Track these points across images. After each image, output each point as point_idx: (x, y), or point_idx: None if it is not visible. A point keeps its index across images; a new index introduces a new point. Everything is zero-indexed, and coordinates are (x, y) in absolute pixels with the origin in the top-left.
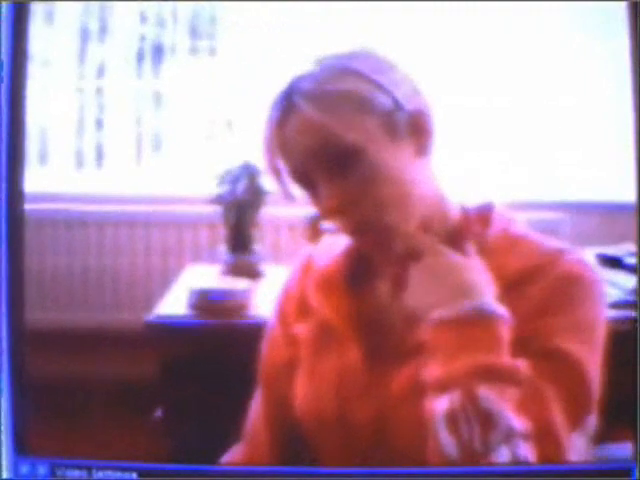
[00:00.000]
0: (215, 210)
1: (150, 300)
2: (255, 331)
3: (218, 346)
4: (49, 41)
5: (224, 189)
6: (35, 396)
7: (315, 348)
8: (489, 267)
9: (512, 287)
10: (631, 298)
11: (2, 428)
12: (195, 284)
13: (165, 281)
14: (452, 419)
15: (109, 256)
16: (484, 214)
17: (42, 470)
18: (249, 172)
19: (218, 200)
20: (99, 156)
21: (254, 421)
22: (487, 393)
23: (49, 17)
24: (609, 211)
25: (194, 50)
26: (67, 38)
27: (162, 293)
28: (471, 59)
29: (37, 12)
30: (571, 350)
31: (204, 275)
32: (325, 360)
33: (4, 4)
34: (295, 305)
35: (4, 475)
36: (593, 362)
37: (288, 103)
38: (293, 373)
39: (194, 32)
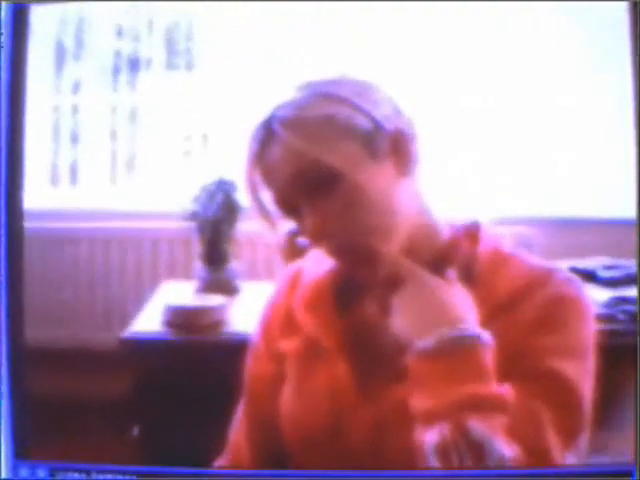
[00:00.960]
0: (190, 226)
1: (125, 317)
2: (231, 347)
3: (194, 362)
4: None
5: (199, 205)
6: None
7: (302, 365)
8: (479, 286)
9: (503, 306)
10: (605, 311)
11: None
12: (170, 300)
13: (140, 297)
14: (443, 451)
15: (84, 272)
16: (472, 232)
17: (42, 473)
18: (224, 188)
19: (193, 216)
20: (73, 172)
21: (237, 435)
22: (476, 424)
23: None
24: (581, 225)
25: (170, 65)
26: (43, 53)
27: (137, 310)
28: (452, 73)
29: None
30: (563, 369)
31: (179, 291)
32: (314, 377)
33: (4, 4)
34: (281, 320)
35: (3, 476)
36: (585, 381)
37: (267, 132)
38: (278, 389)
39: (170, 47)
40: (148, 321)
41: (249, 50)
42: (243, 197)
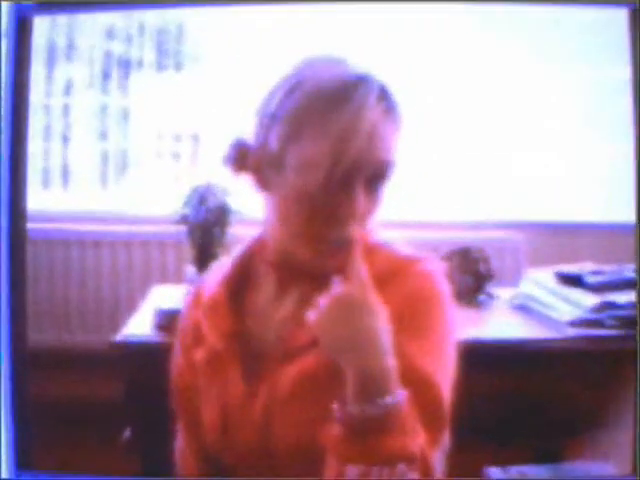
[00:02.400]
0: (181, 230)
1: (116, 320)
2: None
3: None
4: None
5: (190, 209)
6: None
7: (206, 372)
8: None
9: None
10: (591, 316)
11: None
12: (161, 304)
13: (131, 301)
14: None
15: (75, 275)
16: None
17: None
18: (215, 192)
19: (184, 220)
20: (65, 174)
21: (180, 451)
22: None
23: None
24: (567, 231)
25: (161, 66)
26: (34, 54)
27: (129, 313)
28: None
29: None
30: (426, 371)
31: (170, 295)
32: (213, 385)
33: (4, 4)
34: (191, 335)
35: None
36: (445, 380)
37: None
38: (198, 398)
39: (161, 48)
40: (139, 324)
41: (239, 50)
42: (234, 201)
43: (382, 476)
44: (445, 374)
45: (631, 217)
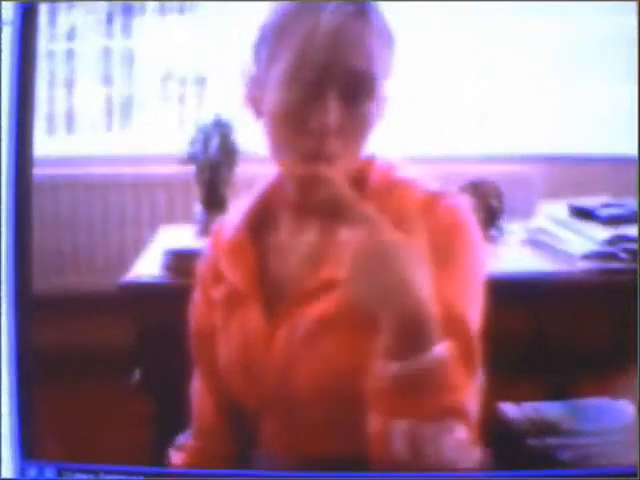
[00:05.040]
0: (188, 169)
1: (125, 262)
2: None
3: None
4: None
5: (196, 147)
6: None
7: (225, 311)
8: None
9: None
10: (602, 249)
11: (7, 431)
12: (169, 244)
13: (139, 243)
14: (413, 441)
15: (82, 218)
16: (366, 163)
17: (49, 474)
18: (221, 130)
19: (190, 159)
20: (69, 119)
21: (199, 398)
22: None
23: None
24: (581, 163)
25: (164, 9)
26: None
27: (137, 255)
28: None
29: None
30: (466, 320)
31: (178, 235)
32: (232, 324)
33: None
34: (211, 271)
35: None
36: (473, 313)
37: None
38: (216, 339)
39: None
40: (147, 266)
41: None
42: (241, 139)
43: (433, 431)
44: (474, 312)
45: None
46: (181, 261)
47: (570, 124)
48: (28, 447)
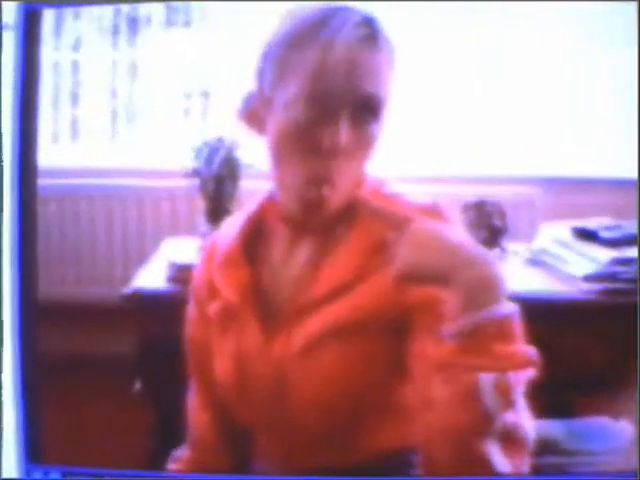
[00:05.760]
0: (193, 183)
1: (128, 274)
2: None
3: None
4: None
5: (201, 162)
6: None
7: (220, 327)
8: (359, 229)
9: (378, 249)
10: (604, 270)
11: (13, 436)
12: (173, 257)
13: (143, 255)
14: (501, 387)
15: (86, 229)
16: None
17: (54, 477)
18: (226, 145)
19: (195, 173)
20: (74, 130)
21: (195, 412)
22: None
23: None
24: (584, 186)
25: (169, 22)
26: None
27: (140, 267)
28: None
29: None
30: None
31: (182, 248)
32: (227, 339)
33: (4, 3)
34: (205, 290)
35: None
36: None
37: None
38: (212, 354)
39: (169, 4)
40: (151, 278)
41: (248, 5)
42: (245, 154)
43: (517, 380)
44: None
45: None
46: (185, 274)
47: (574, 147)
48: (34, 451)
